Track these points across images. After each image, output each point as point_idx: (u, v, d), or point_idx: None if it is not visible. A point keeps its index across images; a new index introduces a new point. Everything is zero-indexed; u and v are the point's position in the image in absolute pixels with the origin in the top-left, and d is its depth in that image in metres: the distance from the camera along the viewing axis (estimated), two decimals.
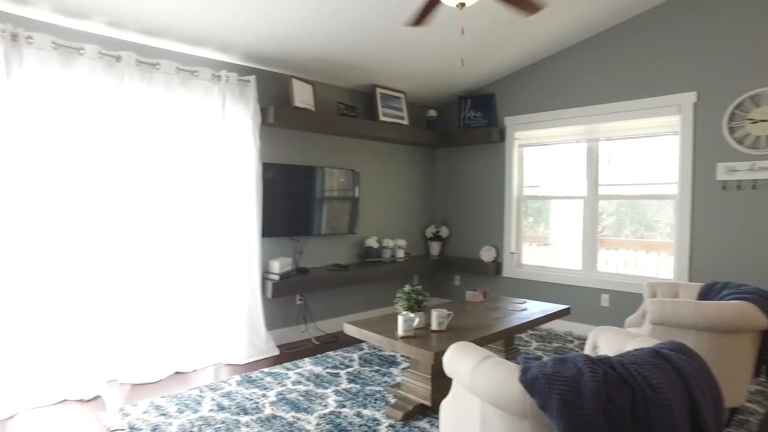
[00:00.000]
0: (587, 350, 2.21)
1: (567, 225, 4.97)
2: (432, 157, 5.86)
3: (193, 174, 3.67)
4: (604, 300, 4.50)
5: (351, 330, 3.02)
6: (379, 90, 4.89)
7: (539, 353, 4.01)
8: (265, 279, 4.04)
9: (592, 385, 1.40)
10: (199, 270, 3.72)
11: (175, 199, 3.58)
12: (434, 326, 2.93)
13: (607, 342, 2.08)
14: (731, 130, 3.77)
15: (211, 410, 2.89)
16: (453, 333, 2.89)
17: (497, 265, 5.19)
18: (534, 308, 3.60)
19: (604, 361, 1.53)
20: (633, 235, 4.59)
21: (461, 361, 1.70)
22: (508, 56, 4.65)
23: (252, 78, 3.92)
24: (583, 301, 4.63)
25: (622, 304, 4.39)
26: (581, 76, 4.60)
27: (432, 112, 5.53)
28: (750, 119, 3.68)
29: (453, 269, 5.58)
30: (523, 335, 4.54)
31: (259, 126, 3.98)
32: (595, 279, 4.57)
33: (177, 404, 2.96)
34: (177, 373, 3.53)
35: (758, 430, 2.75)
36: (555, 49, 4.69)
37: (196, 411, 2.88)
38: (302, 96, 4.25)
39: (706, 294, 3.16)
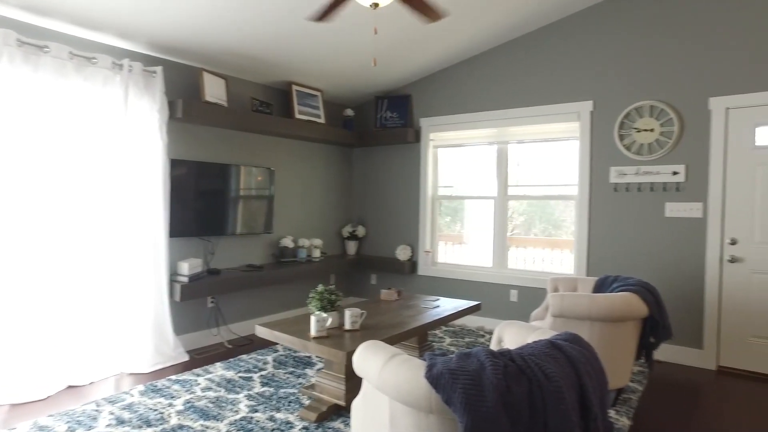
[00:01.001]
0: (493, 344, 2.31)
1: (480, 224, 5.18)
2: (349, 156, 5.87)
3: (91, 169, 3.39)
4: (513, 295, 4.75)
5: (262, 332, 2.95)
6: (295, 87, 4.81)
7: (452, 348, 4.15)
8: (173, 281, 3.83)
9: (492, 378, 1.47)
10: (98, 273, 3.44)
11: (70, 196, 3.28)
12: (347, 326, 2.93)
13: (511, 336, 2.19)
14: (621, 138, 4.12)
15: (108, 425, 2.68)
16: (366, 332, 2.91)
17: (413, 264, 5.31)
18: (446, 305, 3.71)
19: (504, 354, 1.61)
20: (542, 234, 4.88)
21: (369, 359, 1.71)
22: (423, 58, 4.76)
23: (158, 69, 3.70)
24: (494, 297, 4.86)
25: (529, 299, 4.66)
26: (493, 81, 4.82)
27: (349, 112, 5.53)
28: (635, 128, 4.05)
29: (369, 268, 5.62)
30: (437, 331, 4.68)
31: (166, 120, 3.76)
32: (505, 276, 4.80)
33: (67, 422, 2.71)
34: (70, 387, 3.23)
35: (638, 406, 3.06)
36: (468, 55, 4.88)
37: (90, 428, 2.65)
38: (214, 90, 4.07)
39: (599, 287, 3.44)
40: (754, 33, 3.62)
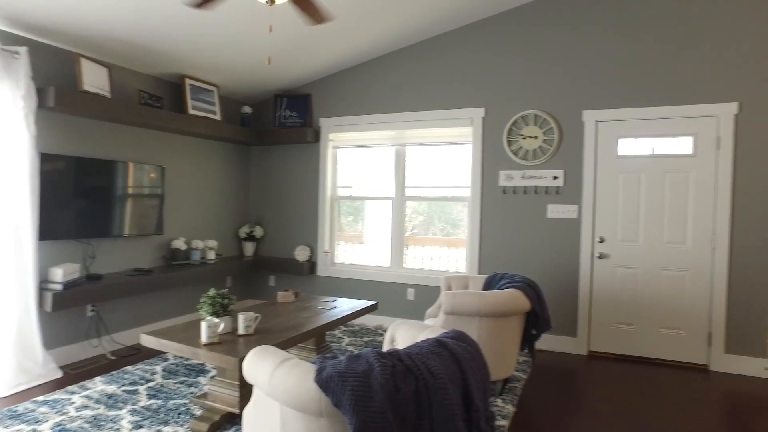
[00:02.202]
0: (386, 343, 2.36)
1: (380, 224, 5.27)
2: (246, 155, 5.68)
3: None
4: (411, 294, 4.89)
5: (148, 341, 2.75)
6: (188, 81, 4.56)
7: (351, 348, 4.17)
8: (43, 289, 3.44)
9: (381, 379, 1.50)
10: None
11: None
12: (241, 330, 2.84)
13: (402, 335, 2.25)
14: (509, 143, 4.42)
15: None
16: (260, 336, 2.84)
17: (312, 265, 5.27)
18: (343, 306, 3.73)
19: (393, 354, 1.65)
20: (441, 233, 5.07)
21: (259, 365, 1.67)
22: (323, 59, 4.74)
23: (23, 50, 3.29)
24: (392, 295, 4.97)
25: (426, 297, 4.82)
26: (391, 85, 4.93)
27: (247, 109, 5.35)
28: (522, 135, 4.37)
29: (268, 269, 5.49)
30: (336, 332, 4.68)
31: (34, 109, 3.37)
32: (402, 275, 4.93)
33: None
34: None
35: (522, 393, 3.30)
36: (367, 57, 4.94)
37: None
38: (94, 79, 3.73)
39: (489, 284, 3.65)
40: (616, 56, 4.06)
